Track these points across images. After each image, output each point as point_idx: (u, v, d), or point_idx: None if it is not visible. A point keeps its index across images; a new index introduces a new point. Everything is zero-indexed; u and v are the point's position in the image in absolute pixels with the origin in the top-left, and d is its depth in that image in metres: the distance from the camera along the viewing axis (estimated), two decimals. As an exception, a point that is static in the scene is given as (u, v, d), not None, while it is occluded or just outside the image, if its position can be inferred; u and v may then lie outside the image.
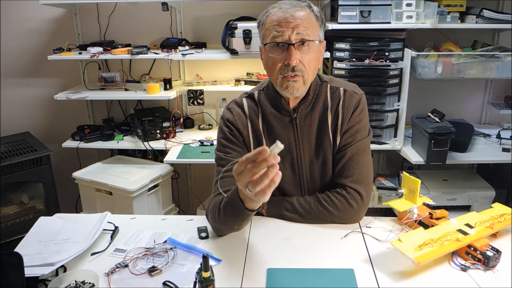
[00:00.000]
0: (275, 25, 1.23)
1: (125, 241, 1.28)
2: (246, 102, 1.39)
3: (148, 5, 2.68)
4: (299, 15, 1.23)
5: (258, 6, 2.59)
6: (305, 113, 1.35)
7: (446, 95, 2.75)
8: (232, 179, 1.28)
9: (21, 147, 2.51)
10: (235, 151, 1.34)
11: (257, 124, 1.37)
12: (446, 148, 2.21)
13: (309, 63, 1.25)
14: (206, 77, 2.80)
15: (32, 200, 2.53)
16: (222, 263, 1.16)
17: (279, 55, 1.24)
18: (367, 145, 1.38)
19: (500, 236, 1.25)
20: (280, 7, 1.25)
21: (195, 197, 3.03)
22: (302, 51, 1.23)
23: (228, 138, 1.36)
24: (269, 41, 1.25)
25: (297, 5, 1.25)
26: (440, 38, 2.47)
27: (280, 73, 1.25)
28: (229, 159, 1.33)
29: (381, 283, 1.06)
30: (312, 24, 1.25)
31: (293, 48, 1.22)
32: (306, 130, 1.35)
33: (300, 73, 1.24)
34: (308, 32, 1.23)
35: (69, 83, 2.83)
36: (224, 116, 1.39)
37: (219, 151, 1.36)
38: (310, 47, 1.25)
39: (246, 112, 1.37)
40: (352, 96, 1.35)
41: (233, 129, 1.36)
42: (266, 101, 1.37)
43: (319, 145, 1.37)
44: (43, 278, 1.09)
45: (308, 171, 1.38)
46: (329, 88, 1.36)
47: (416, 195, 1.34)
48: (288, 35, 1.21)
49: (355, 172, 1.33)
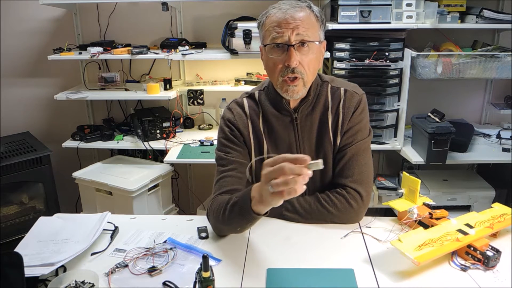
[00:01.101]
0: (275, 26, 1.22)
1: (125, 241, 1.28)
2: (247, 102, 1.39)
3: (148, 5, 2.68)
4: (299, 15, 1.22)
5: (258, 6, 2.59)
6: (306, 113, 1.35)
7: (446, 95, 2.75)
8: (233, 179, 1.30)
9: (21, 147, 2.51)
10: (236, 151, 1.34)
11: (257, 124, 1.36)
12: (446, 148, 2.21)
13: (309, 64, 1.25)
14: (206, 77, 2.80)
15: (32, 200, 2.53)
16: (222, 263, 1.16)
17: (279, 56, 1.24)
18: (368, 145, 1.38)
19: (500, 236, 1.25)
20: (280, 7, 1.24)
21: (195, 197, 3.03)
22: (302, 52, 1.23)
23: (229, 138, 1.35)
24: (269, 42, 1.24)
25: (297, 5, 1.24)
26: (440, 38, 2.47)
27: (281, 75, 1.24)
28: (230, 159, 1.33)
29: (381, 283, 1.06)
30: (312, 24, 1.24)
31: (293, 49, 1.21)
32: (306, 130, 1.35)
33: (299, 75, 1.24)
34: (308, 33, 1.22)
35: (69, 83, 2.83)
36: (225, 116, 1.38)
37: (220, 150, 1.36)
38: (310, 48, 1.24)
39: (246, 112, 1.37)
40: (352, 96, 1.35)
41: (233, 129, 1.36)
42: (266, 101, 1.37)
43: (320, 145, 1.37)
44: (43, 278, 1.09)
45: None
46: (330, 88, 1.36)
47: (416, 195, 1.34)
48: (288, 36, 1.21)
49: (356, 172, 1.33)
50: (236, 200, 1.18)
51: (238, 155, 1.34)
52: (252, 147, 1.36)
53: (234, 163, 1.32)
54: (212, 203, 1.29)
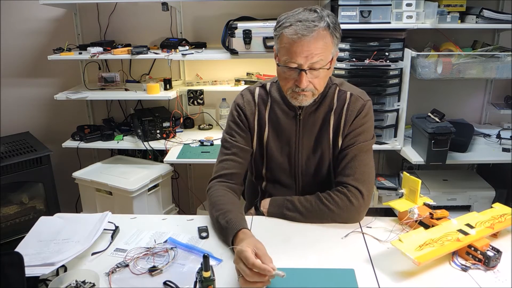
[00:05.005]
0: (288, 48, 1.24)
1: (125, 241, 1.28)
2: (258, 91, 1.46)
3: (148, 5, 2.68)
4: (314, 42, 1.21)
5: (258, 6, 2.59)
6: (309, 112, 1.39)
7: (446, 95, 2.76)
8: (233, 163, 1.41)
9: (21, 147, 2.51)
10: (239, 136, 1.43)
11: (263, 113, 1.44)
12: (446, 148, 2.21)
13: (320, 82, 1.29)
14: (206, 77, 2.80)
15: (32, 200, 2.53)
16: (222, 263, 1.16)
17: (290, 76, 1.28)
18: (370, 148, 1.41)
19: (501, 236, 1.25)
20: (296, 30, 1.21)
21: (195, 197, 3.03)
22: (313, 74, 1.27)
23: (236, 121, 1.44)
24: (282, 63, 1.28)
25: (314, 27, 1.21)
26: (440, 38, 2.47)
27: (291, 89, 1.30)
28: (233, 143, 1.42)
29: (381, 283, 1.06)
30: (326, 48, 1.25)
31: (304, 74, 1.25)
32: (308, 127, 1.40)
33: (310, 91, 1.29)
34: (321, 58, 1.24)
35: (69, 83, 2.82)
36: (236, 101, 1.47)
37: (226, 133, 1.46)
38: (322, 71, 1.27)
39: (256, 100, 1.45)
40: (357, 100, 1.39)
41: (241, 114, 1.44)
42: (276, 93, 1.43)
43: (318, 142, 1.41)
44: (43, 278, 1.09)
45: (304, 165, 1.44)
46: (337, 90, 1.41)
47: (416, 195, 1.34)
48: (300, 63, 1.24)
49: (357, 171, 1.35)
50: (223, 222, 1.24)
51: (241, 140, 1.43)
52: (255, 133, 1.45)
53: (236, 148, 1.42)
54: (211, 191, 1.37)
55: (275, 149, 1.44)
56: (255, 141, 1.45)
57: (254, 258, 1.02)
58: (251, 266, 1.01)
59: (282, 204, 1.37)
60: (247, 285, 1.02)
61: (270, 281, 1.04)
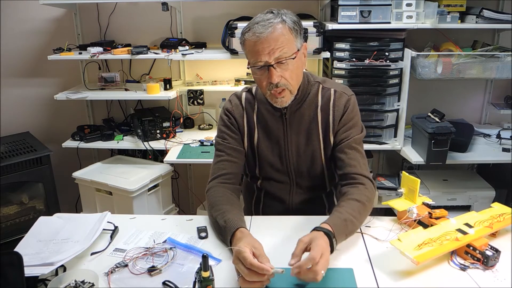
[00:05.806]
0: (252, 50, 1.30)
1: (124, 241, 1.28)
2: (245, 96, 1.51)
3: (148, 5, 2.68)
4: (273, 37, 1.26)
5: (258, 6, 2.59)
6: (294, 110, 1.44)
7: (446, 95, 2.75)
8: (228, 163, 1.45)
9: (21, 147, 2.51)
10: (231, 138, 1.47)
11: (251, 116, 1.48)
12: (446, 148, 2.21)
13: (291, 75, 1.32)
14: (206, 77, 2.80)
15: (32, 200, 2.53)
16: (221, 263, 1.16)
17: (262, 75, 1.32)
18: (362, 141, 1.46)
19: (500, 236, 1.25)
20: (254, 31, 1.28)
21: (195, 197, 3.03)
22: (282, 68, 1.30)
23: (226, 124, 1.49)
24: (251, 65, 1.33)
25: (269, 24, 1.27)
26: (440, 38, 2.47)
27: (268, 89, 1.34)
28: (226, 145, 1.46)
29: (380, 283, 1.06)
30: (287, 40, 1.28)
31: (273, 69, 1.29)
32: (295, 125, 1.44)
33: (284, 87, 1.32)
34: (284, 50, 1.28)
35: (69, 83, 2.83)
36: (225, 106, 1.52)
37: (218, 136, 1.50)
38: (289, 62, 1.30)
39: (243, 104, 1.49)
40: (341, 96, 1.43)
41: (230, 117, 1.49)
42: (262, 96, 1.46)
43: (308, 139, 1.45)
44: (43, 278, 1.09)
45: (295, 162, 1.47)
46: (321, 88, 1.45)
47: (415, 195, 1.34)
48: (265, 60, 1.28)
49: (361, 162, 1.40)
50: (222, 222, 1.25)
51: (233, 142, 1.47)
52: (245, 135, 1.49)
53: (230, 149, 1.46)
54: (210, 192, 1.40)
55: (266, 149, 1.48)
56: (246, 142, 1.49)
57: (252, 258, 1.03)
58: (249, 266, 1.02)
59: (345, 229, 1.23)
60: (247, 284, 1.03)
61: (270, 280, 1.05)
